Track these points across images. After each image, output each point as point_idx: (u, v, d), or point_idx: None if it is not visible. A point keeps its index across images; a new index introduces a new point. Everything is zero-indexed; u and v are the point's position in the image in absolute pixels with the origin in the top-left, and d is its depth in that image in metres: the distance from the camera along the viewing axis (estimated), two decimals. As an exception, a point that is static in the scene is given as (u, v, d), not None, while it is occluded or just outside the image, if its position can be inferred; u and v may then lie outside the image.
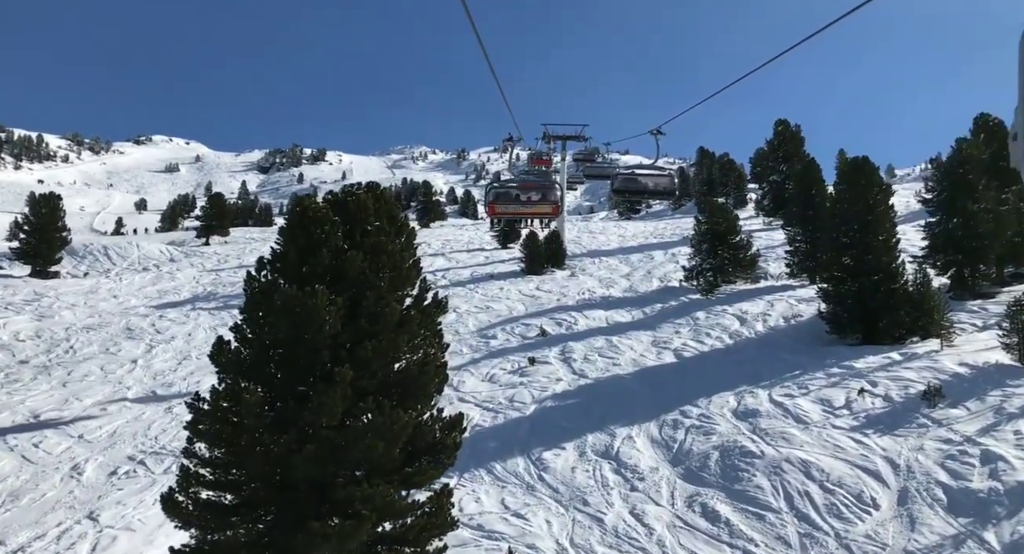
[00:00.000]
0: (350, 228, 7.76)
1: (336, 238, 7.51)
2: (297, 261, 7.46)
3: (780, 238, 40.19)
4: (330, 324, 7.05)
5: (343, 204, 7.85)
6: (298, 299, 6.90)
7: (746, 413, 16.45)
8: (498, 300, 30.61)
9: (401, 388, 7.76)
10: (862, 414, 15.52)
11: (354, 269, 7.41)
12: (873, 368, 17.87)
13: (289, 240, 7.59)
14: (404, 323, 7.78)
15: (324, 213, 7.57)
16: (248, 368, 7.39)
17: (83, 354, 24.63)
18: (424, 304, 8.32)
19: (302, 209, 7.63)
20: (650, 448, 15.66)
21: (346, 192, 7.98)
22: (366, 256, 7.54)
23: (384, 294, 7.52)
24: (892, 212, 21.02)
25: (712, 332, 23.14)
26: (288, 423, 7.11)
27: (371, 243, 7.64)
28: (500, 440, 16.73)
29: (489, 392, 19.84)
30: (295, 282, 7.27)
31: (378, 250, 7.67)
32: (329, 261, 7.39)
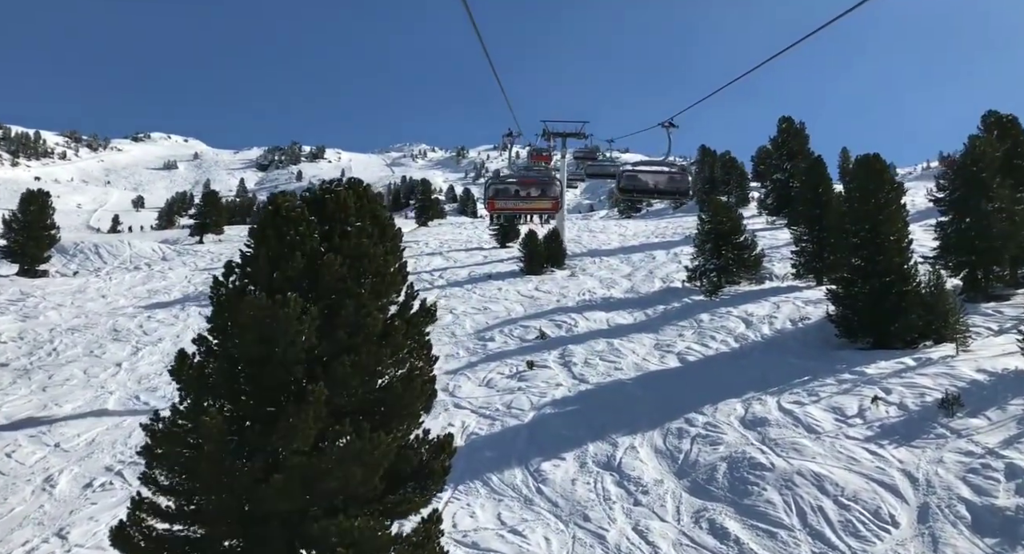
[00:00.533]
0: (328, 229, 7.01)
1: (312, 240, 6.76)
2: (268, 266, 6.70)
3: (784, 237, 39.50)
4: (303, 336, 6.31)
5: (321, 203, 7.10)
6: (267, 309, 6.15)
7: (754, 421, 15.72)
8: (496, 301, 29.85)
9: (383, 407, 7.02)
10: (876, 423, 14.79)
11: (332, 275, 6.66)
12: (886, 374, 17.12)
13: (259, 242, 6.83)
14: (387, 334, 7.03)
15: (299, 212, 6.82)
16: (212, 385, 6.63)
17: (66, 357, 23.86)
18: (410, 313, 7.57)
19: (275, 208, 6.87)
20: (654, 459, 14.93)
21: (324, 189, 7.22)
22: (346, 260, 6.79)
23: (365, 302, 6.77)
24: (904, 211, 20.26)
25: (717, 335, 22.40)
26: (255, 449, 6.37)
27: (351, 246, 6.89)
28: (497, 449, 16.00)
29: (486, 398, 19.10)
30: (265, 289, 6.52)
31: (359, 253, 6.92)
32: (304, 266, 6.64)
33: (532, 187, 21.75)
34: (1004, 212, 22.09)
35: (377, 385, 7.13)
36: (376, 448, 6.29)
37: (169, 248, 49.61)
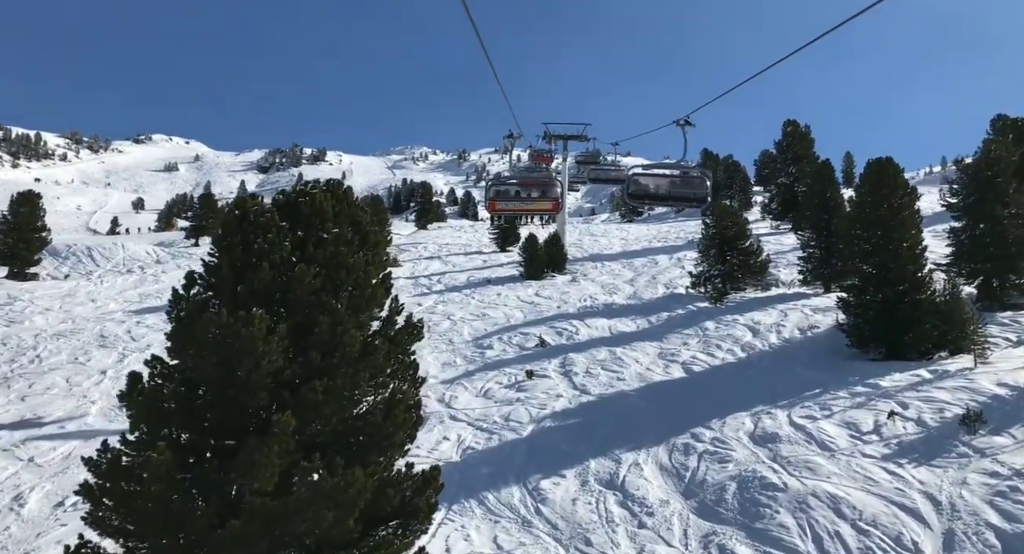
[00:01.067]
0: (302, 236, 6.28)
1: (282, 249, 6.03)
2: (232, 278, 5.97)
3: (789, 243, 38.77)
4: (269, 358, 5.57)
5: (294, 207, 6.36)
6: (228, 327, 5.42)
7: (764, 437, 14.94)
8: (495, 307, 29.08)
9: (361, 438, 6.28)
10: (894, 441, 14.01)
11: (304, 288, 5.93)
12: (901, 387, 16.37)
13: (223, 251, 6.10)
14: (367, 355, 6.29)
15: (268, 217, 6.08)
16: (166, 414, 5.88)
17: (49, 364, 23.08)
18: (394, 330, 6.82)
19: (241, 212, 6.14)
20: (659, 477, 14.15)
21: (298, 192, 6.48)
22: (320, 271, 6.06)
23: (342, 318, 6.04)
24: (918, 216, 19.51)
25: (723, 344, 21.63)
26: (211, 488, 5.63)
27: (327, 255, 6.16)
28: (494, 465, 15.23)
29: (483, 409, 18.34)
30: (228, 304, 5.79)
31: (336, 263, 6.18)
32: (272, 278, 5.90)
33: (533, 188, 21.53)
34: (1021, 218, 21.35)
35: (354, 413, 6.38)
36: (351, 486, 5.55)
37: (164, 251, 48.85)
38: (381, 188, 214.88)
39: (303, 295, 5.95)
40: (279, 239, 6.03)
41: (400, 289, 34.36)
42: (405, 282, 35.95)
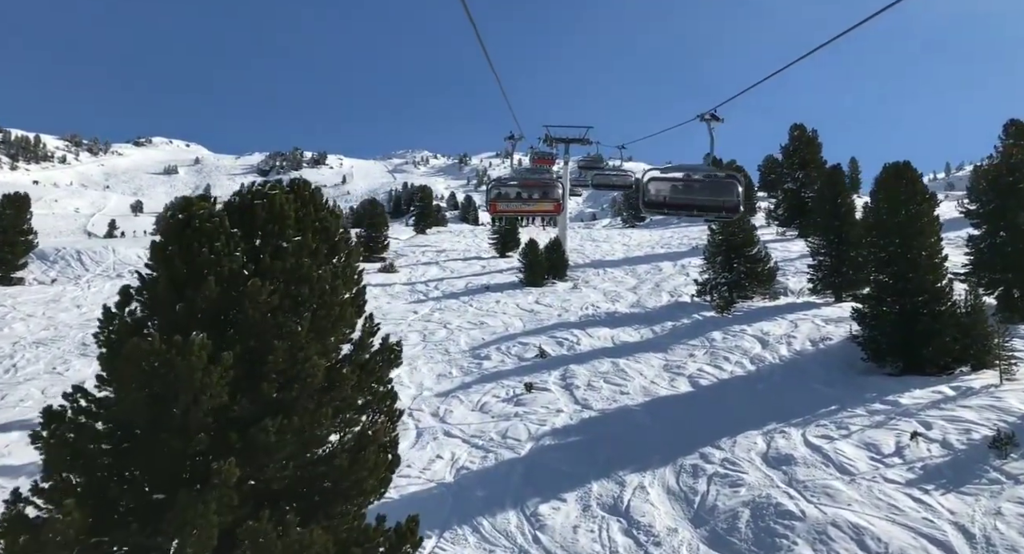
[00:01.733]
0: (258, 245, 5.35)
1: (232, 260, 5.12)
2: (170, 295, 5.05)
3: (796, 250, 37.83)
4: (211, 393, 4.65)
5: (249, 210, 5.43)
6: (160, 355, 4.50)
7: (778, 459, 13.98)
8: (494, 315, 28.13)
9: (323, 486, 5.33)
10: (918, 464, 13.04)
11: (257, 307, 5.01)
12: (923, 405, 15.41)
13: (160, 262, 5.18)
14: (332, 386, 5.37)
15: (217, 223, 5.16)
16: (85, 460, 4.93)
17: (25, 374, 22.12)
18: (367, 355, 5.88)
19: (184, 217, 5.21)
20: (666, 502, 13.18)
21: (254, 192, 5.55)
22: (279, 287, 5.13)
23: (303, 343, 5.12)
24: (937, 223, 18.56)
25: (731, 356, 20.67)
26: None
27: (288, 267, 5.24)
28: (489, 488, 14.26)
29: (479, 425, 17.38)
30: (165, 327, 4.87)
31: (298, 277, 5.27)
32: (219, 295, 4.98)
33: (534, 189, 21.21)
34: (1044, 226, 20.43)
35: (316, 456, 5.45)
36: (307, 549, 4.62)
37: (157, 254, 47.81)
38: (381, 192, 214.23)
39: (256, 315, 5.03)
40: (229, 248, 5.11)
41: (396, 296, 33.58)
42: (401, 288, 35.06)
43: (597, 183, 37.07)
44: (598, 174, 37.43)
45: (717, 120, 14.12)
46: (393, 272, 39.71)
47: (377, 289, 34.89)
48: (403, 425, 17.56)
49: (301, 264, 5.34)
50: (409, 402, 19.15)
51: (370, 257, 44.48)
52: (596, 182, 37.05)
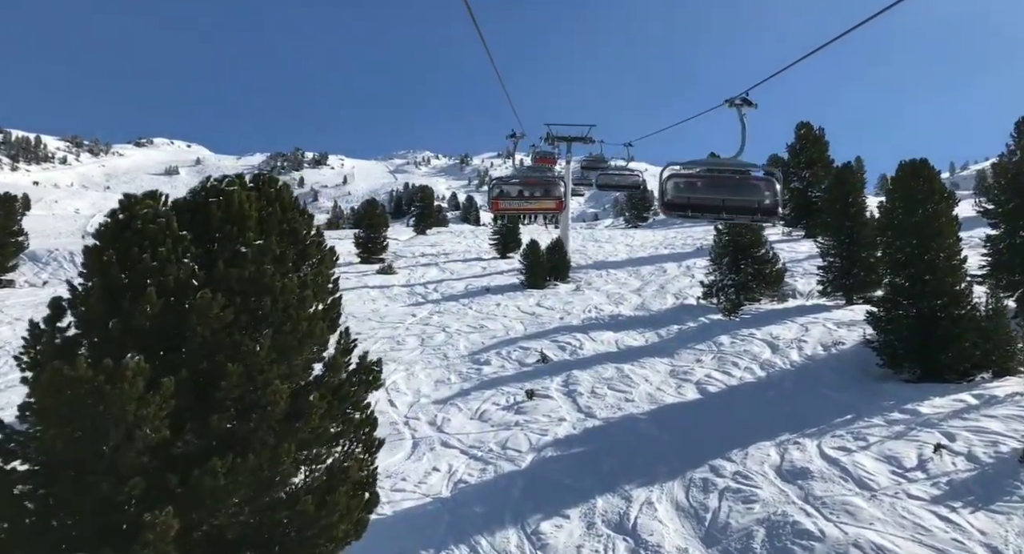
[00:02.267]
0: (213, 250, 4.62)
1: (179, 268, 4.38)
2: (104, 309, 4.31)
3: (803, 250, 37.09)
4: (149, 427, 3.91)
5: (203, 210, 4.69)
6: (86, 382, 3.77)
7: (794, 472, 13.21)
8: (494, 318, 27.38)
9: (286, 533, 4.58)
10: (943, 479, 12.27)
11: (208, 323, 4.27)
12: (944, 414, 14.64)
13: (94, 270, 4.44)
14: (297, 415, 4.62)
15: (162, 224, 4.42)
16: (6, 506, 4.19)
17: (6, 381, 21.39)
18: (340, 377, 5.13)
19: (125, 217, 4.47)
20: (675, 519, 12.41)
21: (209, 188, 4.81)
22: (235, 299, 4.39)
23: (263, 366, 4.38)
24: (956, 224, 17.79)
25: (740, 361, 19.91)
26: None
27: (246, 276, 4.50)
28: (488, 503, 13.50)
29: (478, 434, 16.64)
30: (99, 346, 4.13)
31: (259, 288, 4.53)
32: (161, 309, 4.24)
33: (536, 187, 20.84)
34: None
35: (275, 499, 4.69)
36: (264, 613, 3.90)
37: (153, 256, 47.14)
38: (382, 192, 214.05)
39: (206, 333, 4.30)
40: (176, 254, 4.37)
41: (394, 298, 32.84)
42: (400, 290, 34.35)
43: (602, 183, 35.59)
44: (603, 174, 35.99)
45: (750, 105, 12.07)
46: (391, 273, 38.99)
47: (375, 291, 34.21)
48: (399, 435, 16.86)
49: (263, 272, 4.60)
50: (406, 410, 18.45)
51: (369, 258, 43.75)
52: (601, 182, 35.59)
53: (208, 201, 4.75)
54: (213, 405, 4.38)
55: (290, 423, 4.63)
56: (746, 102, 12.02)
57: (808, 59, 10.46)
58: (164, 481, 4.13)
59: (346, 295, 31.16)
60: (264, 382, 4.42)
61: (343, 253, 48.67)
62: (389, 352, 23.45)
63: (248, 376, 4.39)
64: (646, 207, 73.37)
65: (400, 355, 23.02)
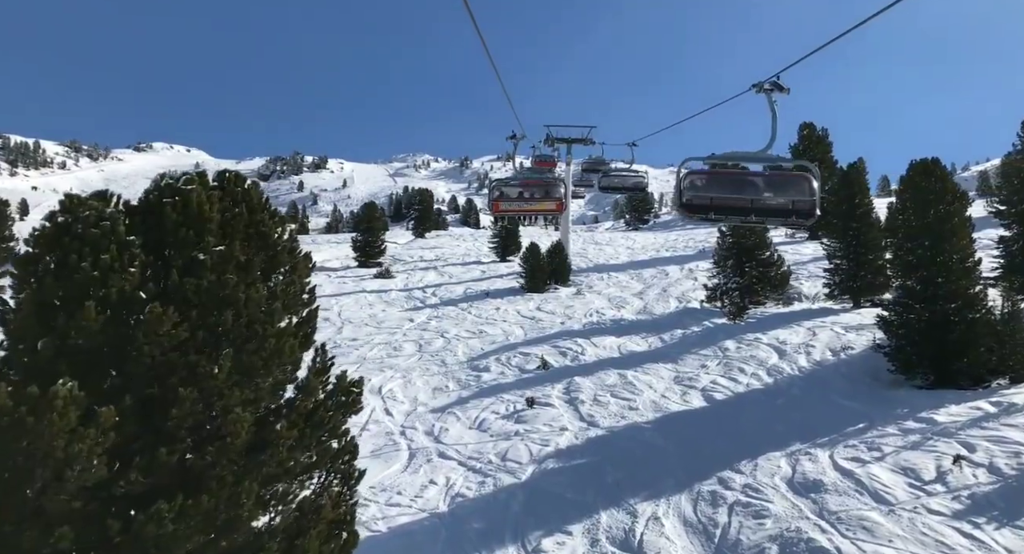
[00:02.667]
0: (165, 257, 4.06)
1: (125, 278, 3.82)
2: (35, 326, 3.74)
3: (808, 252, 36.55)
4: (82, 465, 3.35)
5: (155, 211, 4.12)
6: (6, 412, 3.21)
7: (806, 485, 12.63)
8: (493, 323, 26.81)
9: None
10: (964, 493, 11.68)
11: (157, 342, 3.71)
12: (962, 423, 14.06)
13: (27, 282, 3.88)
14: (262, 446, 4.05)
15: (106, 227, 3.86)
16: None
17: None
18: (314, 401, 4.56)
19: (65, 220, 3.90)
20: (684, 535, 11.83)
21: (164, 187, 4.23)
22: (190, 314, 3.83)
23: (222, 390, 3.81)
24: (969, 225, 17.23)
25: (746, 367, 19.33)
26: None
27: (204, 288, 3.93)
28: (486, 518, 12.91)
29: (477, 445, 16.06)
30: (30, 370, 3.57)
31: (219, 300, 3.96)
32: (103, 326, 3.68)
33: (536, 188, 20.92)
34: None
35: (234, 546, 4.10)
36: None
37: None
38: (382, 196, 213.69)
39: (154, 353, 3.73)
40: (121, 263, 3.81)
41: (392, 302, 32.24)
42: (398, 295, 33.78)
43: (605, 185, 34.38)
44: (605, 175, 34.85)
45: (781, 90, 10.41)
46: (389, 277, 38.42)
47: (372, 296, 33.65)
48: (395, 445, 16.29)
49: (224, 282, 4.04)
50: (402, 419, 17.88)
51: (366, 262, 43.19)
52: (604, 184, 34.37)
53: (162, 202, 4.18)
54: (163, 437, 3.81)
55: (254, 456, 4.05)
56: (777, 87, 10.37)
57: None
58: (103, 528, 3.57)
59: (343, 300, 30.62)
60: (223, 409, 3.85)
61: (340, 257, 48.23)
62: (386, 358, 22.90)
63: (204, 402, 3.82)
64: (647, 209, 72.79)
65: (397, 362, 22.45)
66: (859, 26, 6.87)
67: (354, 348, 24.22)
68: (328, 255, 49.06)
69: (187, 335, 3.92)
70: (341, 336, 26.11)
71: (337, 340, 25.49)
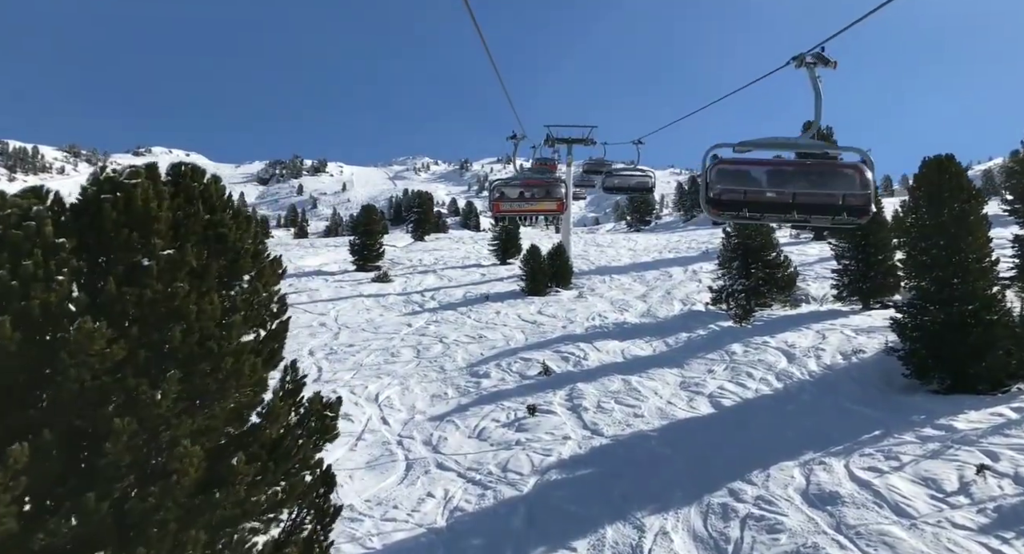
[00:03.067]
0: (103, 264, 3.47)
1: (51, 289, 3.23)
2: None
3: (813, 253, 36.01)
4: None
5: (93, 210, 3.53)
6: None
7: (822, 497, 12.03)
8: (493, 327, 26.20)
9: None
10: (989, 505, 11.08)
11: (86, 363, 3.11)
12: (983, 430, 13.48)
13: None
14: (217, 484, 3.45)
15: (31, 229, 3.26)
16: None
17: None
18: (282, 429, 3.95)
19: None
20: (694, 551, 11.22)
21: (103, 181, 3.63)
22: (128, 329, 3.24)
23: (168, 419, 3.22)
24: (986, 223, 16.65)
25: (754, 372, 18.73)
26: None
27: (147, 299, 3.34)
28: (486, 534, 12.31)
29: (477, 455, 15.44)
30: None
31: (165, 313, 3.36)
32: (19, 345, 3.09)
33: (537, 188, 20.95)
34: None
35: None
36: None
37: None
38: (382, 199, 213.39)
39: (84, 377, 3.13)
40: (46, 270, 3.22)
41: (389, 307, 31.62)
42: (395, 299, 33.17)
43: (609, 185, 32.98)
44: (609, 175, 33.52)
45: (827, 64, 8.90)
46: (387, 281, 37.82)
47: (370, 300, 33.05)
48: (391, 456, 15.69)
49: (172, 292, 3.44)
50: (399, 428, 17.27)
51: (364, 266, 42.59)
52: (608, 184, 32.98)
53: (100, 199, 3.57)
54: (91, 479, 3.22)
55: (206, 496, 3.47)
56: (821, 59, 8.90)
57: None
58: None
59: (340, 304, 30.00)
60: (170, 442, 3.26)
61: (338, 261, 47.59)
62: (383, 364, 22.31)
63: (146, 435, 3.24)
64: (648, 210, 72.24)
65: (394, 368, 21.85)
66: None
67: (351, 354, 23.63)
68: (326, 259, 48.47)
69: (125, 354, 3.33)
70: (337, 342, 25.52)
71: (333, 346, 24.91)
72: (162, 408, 3.34)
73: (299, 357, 23.50)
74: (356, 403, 18.93)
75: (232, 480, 3.58)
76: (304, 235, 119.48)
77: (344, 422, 17.64)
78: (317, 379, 21.12)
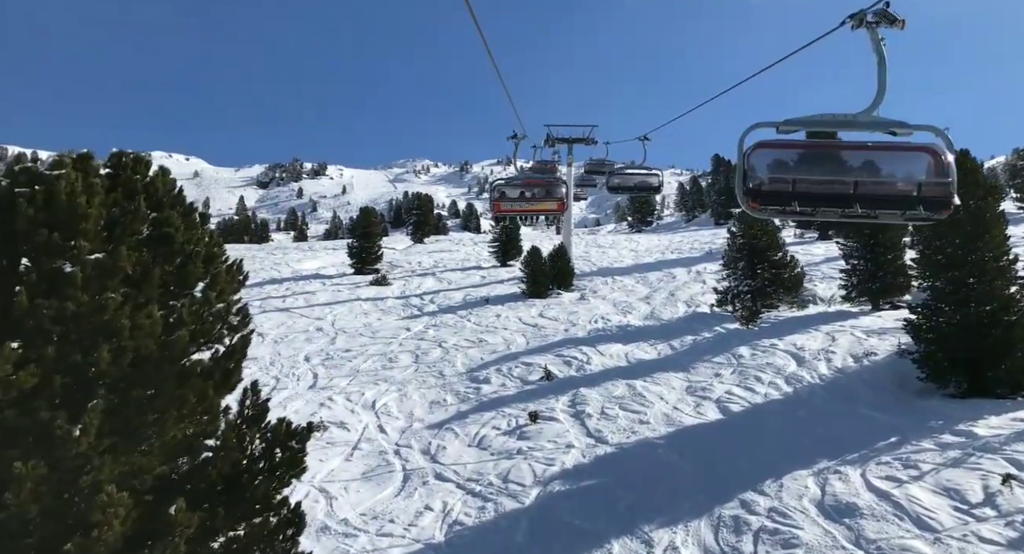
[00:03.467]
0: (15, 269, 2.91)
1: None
2: None
3: (819, 253, 35.44)
4: None
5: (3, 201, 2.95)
6: None
7: (838, 508, 11.45)
8: (493, 331, 25.61)
9: None
10: (1018, 518, 10.49)
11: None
12: (1006, 437, 12.89)
13: None
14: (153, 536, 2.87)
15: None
16: None
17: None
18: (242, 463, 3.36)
19: None
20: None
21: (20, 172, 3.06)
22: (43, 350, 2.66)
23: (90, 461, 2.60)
24: (1003, 221, 16.07)
25: (763, 376, 18.14)
26: None
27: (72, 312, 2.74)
28: (487, 549, 11.75)
29: (477, 464, 14.87)
30: None
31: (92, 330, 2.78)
32: None
33: (538, 188, 20.91)
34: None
35: None
36: None
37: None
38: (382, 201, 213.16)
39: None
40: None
41: (388, 311, 31.00)
42: (394, 302, 32.57)
43: (614, 185, 31.80)
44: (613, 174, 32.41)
45: (892, 23, 7.12)
46: (386, 285, 37.23)
47: (368, 304, 32.46)
48: (388, 466, 15.12)
49: (102, 304, 2.85)
50: (397, 437, 16.70)
51: (362, 269, 41.98)
52: (613, 184, 31.79)
53: (14, 193, 2.98)
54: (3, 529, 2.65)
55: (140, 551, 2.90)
56: (886, 17, 7.09)
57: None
58: None
59: (337, 308, 29.30)
60: (92, 487, 2.68)
61: (336, 264, 46.98)
62: (380, 370, 21.73)
63: (60, 480, 2.66)
64: (650, 211, 71.64)
65: (392, 374, 21.27)
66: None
67: (347, 360, 23.05)
68: (324, 262, 47.90)
69: (37, 381, 2.75)
70: (334, 347, 24.94)
71: (330, 351, 24.34)
72: (82, 446, 2.73)
73: (295, 363, 22.94)
74: (352, 411, 18.36)
75: (170, 532, 2.99)
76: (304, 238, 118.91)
77: (340, 431, 17.09)
78: (312, 386, 20.55)
